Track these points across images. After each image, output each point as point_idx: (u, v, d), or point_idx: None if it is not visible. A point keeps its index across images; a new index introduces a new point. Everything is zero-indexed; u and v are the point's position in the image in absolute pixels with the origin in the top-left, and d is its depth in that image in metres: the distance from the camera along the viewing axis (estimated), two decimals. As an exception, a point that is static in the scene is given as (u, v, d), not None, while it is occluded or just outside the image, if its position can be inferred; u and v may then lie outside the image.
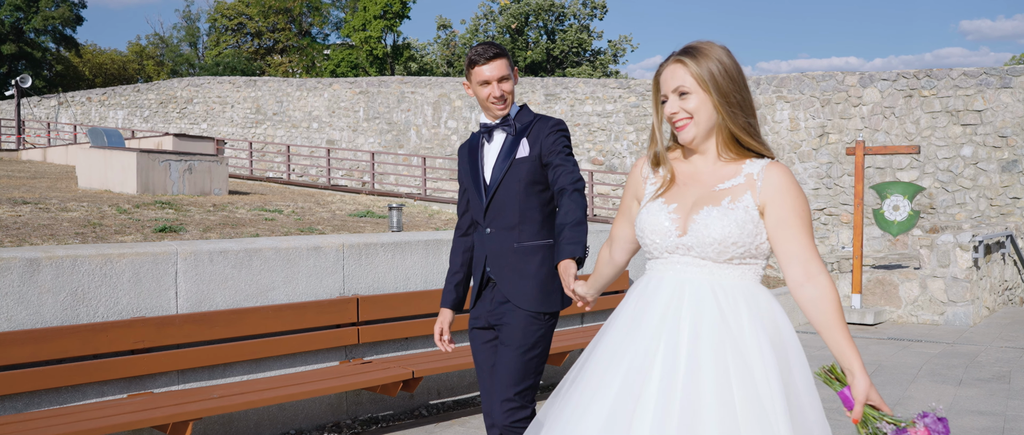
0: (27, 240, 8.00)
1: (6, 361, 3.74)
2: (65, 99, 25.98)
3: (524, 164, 3.07)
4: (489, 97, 3.08)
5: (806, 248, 2.13)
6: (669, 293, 2.18)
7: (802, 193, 2.17)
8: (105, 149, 13.45)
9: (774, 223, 2.14)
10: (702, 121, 2.18)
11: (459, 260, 3.26)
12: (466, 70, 3.14)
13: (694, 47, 2.19)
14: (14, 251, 3.96)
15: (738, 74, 2.18)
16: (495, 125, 3.15)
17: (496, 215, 3.09)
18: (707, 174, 2.24)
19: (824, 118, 14.61)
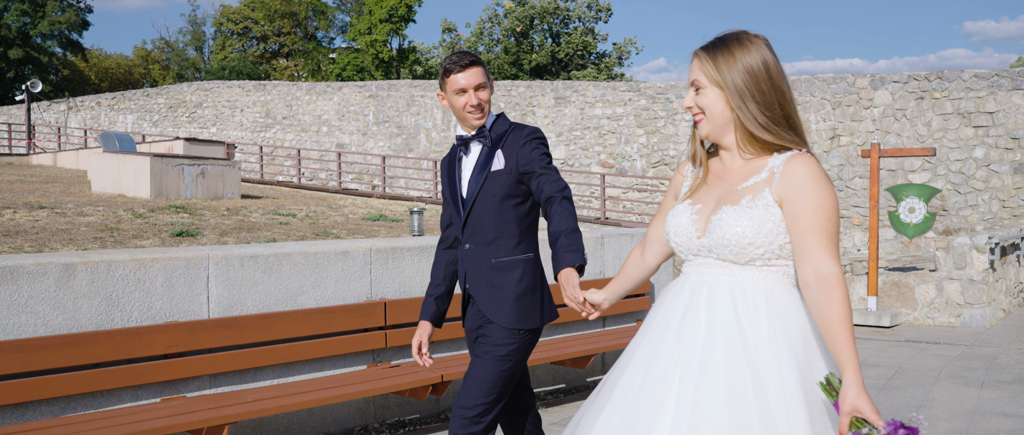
0: (47, 245, 8.03)
1: (44, 366, 3.77)
2: (74, 104, 26.06)
3: (499, 177, 2.99)
4: (465, 107, 2.99)
5: (818, 247, 2.00)
6: (688, 296, 2.13)
7: (824, 187, 2.03)
8: (118, 154, 13.50)
9: (789, 219, 2.05)
10: (715, 116, 2.13)
11: (441, 273, 3.20)
12: (440, 79, 3.05)
13: (718, 40, 2.13)
14: (50, 256, 3.98)
15: (763, 69, 2.07)
16: (471, 137, 3.06)
17: (473, 231, 3.02)
18: (734, 172, 2.17)
19: (835, 120, 14.61)
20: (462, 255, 3.07)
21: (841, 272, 1.99)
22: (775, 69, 2.08)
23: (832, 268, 1.99)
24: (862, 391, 1.91)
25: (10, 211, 10.14)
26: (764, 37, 2.12)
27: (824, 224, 2.01)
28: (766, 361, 1.99)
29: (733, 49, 2.09)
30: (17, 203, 10.99)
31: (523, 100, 18.37)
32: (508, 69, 44.62)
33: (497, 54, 45.10)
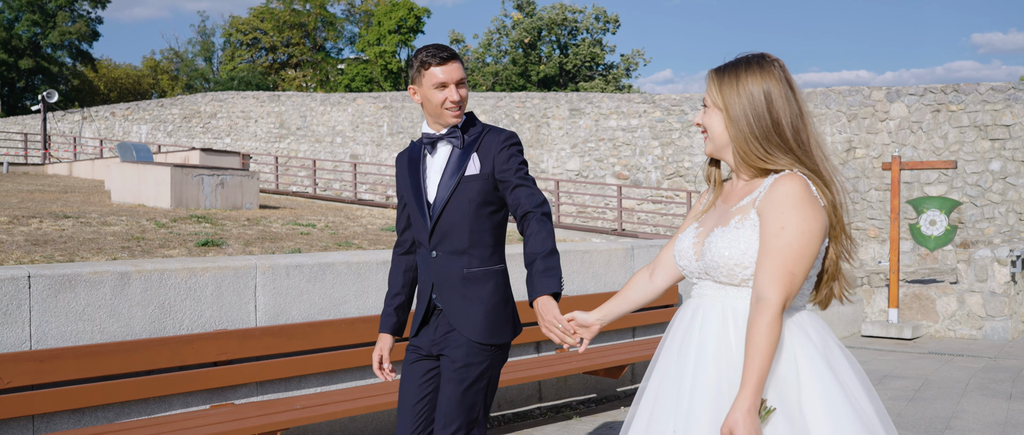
0: (77, 254, 8.11)
1: (100, 372, 3.83)
2: (89, 114, 26.23)
3: (475, 183, 2.81)
4: (445, 103, 2.79)
5: (766, 271, 2.00)
6: (689, 318, 2.17)
7: (796, 210, 2.00)
8: (138, 164, 13.60)
9: (761, 238, 2.05)
10: (715, 137, 2.18)
11: (400, 281, 3.01)
12: (416, 72, 2.82)
13: (731, 63, 2.17)
14: (106, 265, 4.05)
15: (763, 97, 2.10)
16: (440, 136, 2.86)
17: (443, 238, 2.82)
18: (736, 193, 2.21)
19: (850, 133, 14.67)
20: (427, 263, 2.86)
21: (778, 301, 1.96)
22: (779, 96, 2.09)
23: (770, 295, 1.97)
24: (747, 414, 1.92)
25: (36, 220, 10.23)
26: (780, 63, 2.15)
27: (782, 249, 1.99)
28: None
29: (740, 74, 2.13)
30: (42, 212, 11.08)
31: (537, 111, 18.46)
32: (516, 80, 44.75)
33: (505, 65, 45.22)
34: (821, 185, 2.08)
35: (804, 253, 1.99)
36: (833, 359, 2.05)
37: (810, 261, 2.01)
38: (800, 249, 1.99)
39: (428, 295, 2.86)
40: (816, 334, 2.07)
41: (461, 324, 2.79)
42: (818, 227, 2.02)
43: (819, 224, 2.03)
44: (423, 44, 2.90)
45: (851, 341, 9.14)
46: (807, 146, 2.10)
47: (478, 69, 44.80)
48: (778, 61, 2.15)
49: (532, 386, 5.73)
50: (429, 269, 2.86)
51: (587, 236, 14.11)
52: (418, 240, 2.90)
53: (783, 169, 2.08)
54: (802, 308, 2.12)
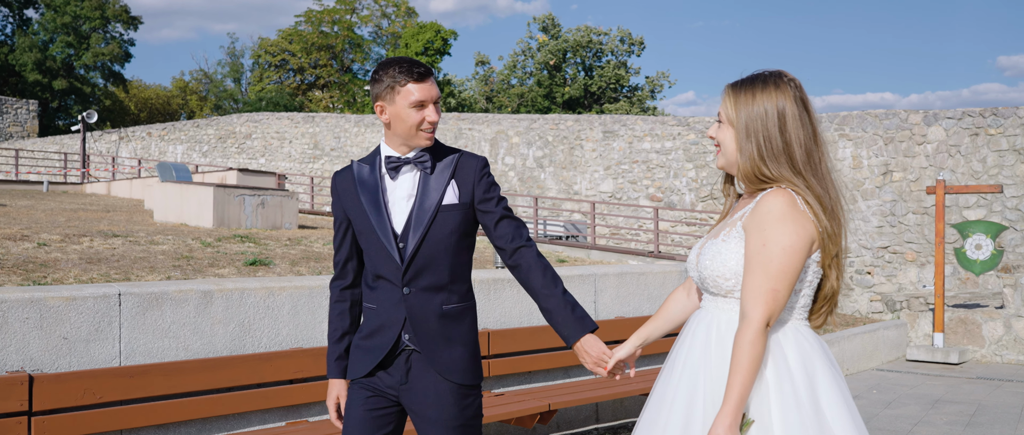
0: (132, 272, 8.26)
1: (184, 388, 3.93)
2: (125, 134, 26.66)
3: (454, 213, 2.58)
4: (422, 124, 2.55)
5: (748, 287, 2.03)
6: (685, 328, 2.25)
7: (780, 225, 2.02)
8: (181, 184, 13.81)
9: (745, 254, 2.08)
10: (727, 152, 2.20)
11: (348, 320, 2.72)
12: (385, 89, 2.57)
13: (747, 79, 2.18)
14: (191, 284, 4.16)
15: (776, 115, 2.10)
16: (406, 159, 2.60)
17: (418, 273, 2.56)
18: (739, 207, 2.24)
19: (887, 156, 14.63)
20: (394, 300, 2.58)
21: (761, 318, 1.98)
22: (793, 116, 2.09)
23: (751, 312, 2.00)
24: (728, 430, 1.95)
25: (87, 239, 10.42)
26: (797, 82, 2.14)
27: (764, 265, 2.01)
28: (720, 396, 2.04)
29: (756, 91, 2.13)
30: (91, 231, 11.29)
31: (570, 133, 18.56)
32: (541, 102, 44.96)
33: (530, 87, 45.48)
34: (814, 204, 2.05)
35: (785, 269, 2.00)
36: (811, 380, 2.03)
37: (793, 276, 2.01)
38: (780, 265, 2.00)
39: (395, 334, 2.57)
40: (796, 354, 2.06)
41: (445, 368, 2.56)
42: (800, 242, 2.02)
43: (802, 239, 2.02)
44: (387, 58, 2.62)
45: (896, 365, 9.10)
46: (818, 169, 2.10)
47: (503, 91, 45.09)
48: (794, 80, 2.15)
49: (589, 408, 5.78)
50: (396, 307, 2.57)
51: (623, 258, 14.14)
52: (378, 274, 2.60)
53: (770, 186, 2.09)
54: (791, 323, 2.12)
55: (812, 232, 2.04)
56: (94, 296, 3.80)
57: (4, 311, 3.56)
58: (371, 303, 2.64)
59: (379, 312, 2.61)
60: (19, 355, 3.60)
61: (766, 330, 2.00)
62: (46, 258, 8.65)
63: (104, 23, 51.98)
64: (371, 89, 2.63)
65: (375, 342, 2.60)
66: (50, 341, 3.67)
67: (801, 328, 2.11)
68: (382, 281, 2.60)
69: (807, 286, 2.10)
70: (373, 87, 2.62)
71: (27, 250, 9.06)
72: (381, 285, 2.60)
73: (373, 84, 2.63)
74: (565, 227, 16.88)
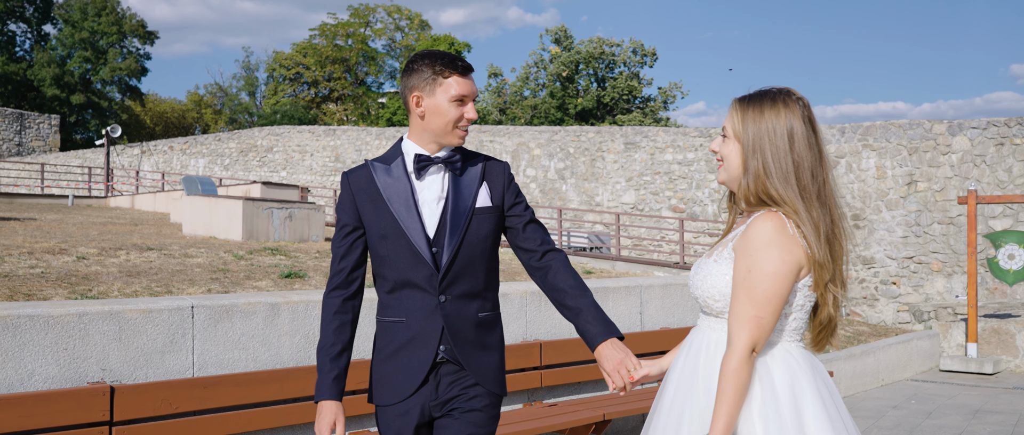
0: (172, 285, 8.37)
1: (255, 399, 4.01)
2: (147, 147, 26.91)
3: (489, 217, 2.48)
4: (460, 121, 2.44)
5: (734, 313, 2.01)
6: (682, 345, 2.25)
7: (767, 250, 1.99)
8: (209, 197, 13.95)
9: (733, 279, 2.06)
10: (730, 167, 2.16)
11: (347, 334, 2.48)
12: (426, 80, 2.43)
13: (756, 95, 2.13)
14: (259, 296, 4.25)
15: (785, 135, 2.06)
16: (438, 158, 2.46)
17: (455, 280, 2.43)
18: (738, 225, 2.21)
19: (912, 166, 14.65)
20: (427, 309, 2.42)
21: (745, 345, 1.96)
22: (801, 137, 2.06)
23: (736, 339, 1.98)
24: None
25: (123, 252, 10.55)
26: (805, 101, 2.11)
27: (749, 291, 1.99)
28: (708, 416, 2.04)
29: (764, 108, 2.09)
30: (125, 244, 11.42)
31: (592, 145, 18.64)
32: (554, 113, 45.11)
33: (543, 98, 45.64)
34: (805, 227, 2.02)
35: (770, 295, 1.98)
36: (797, 402, 2.01)
37: (779, 302, 1.99)
38: (765, 291, 1.98)
39: (432, 348, 2.41)
40: (783, 376, 2.04)
41: (483, 376, 2.46)
42: (786, 268, 1.99)
43: (788, 265, 1.99)
44: (426, 49, 2.50)
45: (930, 375, 9.11)
46: (822, 192, 2.06)
47: (516, 102, 45.26)
48: (803, 99, 2.11)
49: (642, 418, 5.83)
50: (431, 316, 2.41)
51: (649, 269, 14.18)
52: (404, 282, 2.42)
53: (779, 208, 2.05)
54: (781, 345, 2.08)
55: (800, 257, 2.01)
56: (169, 309, 3.88)
57: (86, 324, 3.65)
58: (396, 316, 2.44)
59: (409, 325, 2.42)
60: (99, 366, 3.69)
61: (751, 357, 1.97)
62: (87, 271, 8.77)
63: (121, 38, 52.47)
64: (406, 79, 2.48)
65: (410, 359, 2.42)
66: (128, 353, 3.76)
67: (792, 349, 2.08)
68: (410, 290, 2.42)
69: (797, 309, 2.07)
70: (410, 77, 2.46)
71: (67, 263, 9.18)
72: (409, 295, 2.42)
73: (410, 74, 2.47)
74: (589, 238, 16.94)
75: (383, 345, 2.47)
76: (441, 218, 2.43)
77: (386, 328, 2.47)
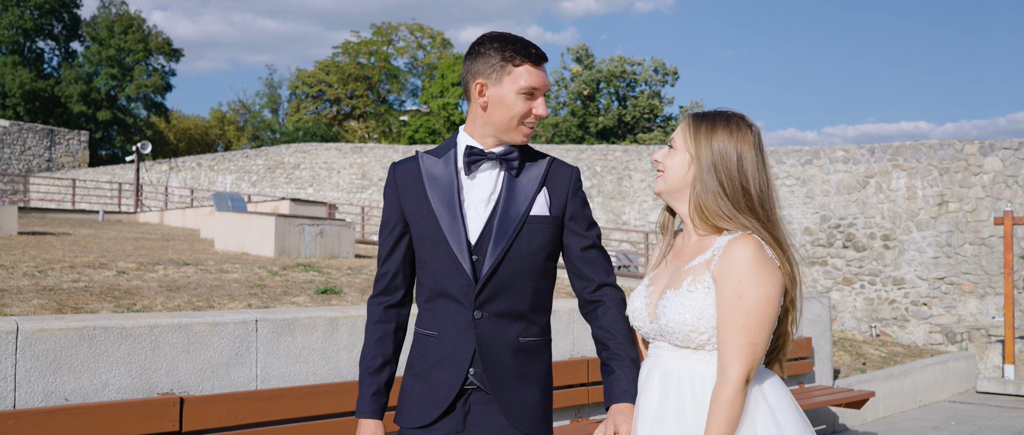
0: (213, 300, 8.48)
1: (316, 411, 4.07)
2: (175, 164, 27.23)
3: (544, 227, 2.18)
4: (528, 116, 2.16)
5: (727, 343, 1.93)
6: (643, 380, 2.11)
7: (754, 276, 1.94)
8: (241, 213, 14.10)
9: (716, 305, 1.98)
10: (672, 179, 2.12)
11: (391, 346, 2.26)
12: (494, 67, 2.14)
13: (711, 113, 2.11)
14: (319, 310, 4.33)
15: (735, 158, 2.04)
16: (493, 154, 2.18)
17: (495, 295, 2.14)
18: (689, 249, 2.13)
19: (942, 187, 14.59)
20: (460, 326, 2.15)
21: (741, 374, 1.91)
22: (751, 162, 2.05)
23: (731, 369, 1.92)
24: None
25: (161, 267, 10.68)
26: (757, 129, 2.11)
27: (741, 318, 1.93)
28: None
29: (718, 128, 2.08)
30: (162, 260, 11.56)
31: (619, 164, 18.69)
32: (575, 132, 45.24)
33: (564, 117, 45.81)
34: (777, 249, 2.02)
35: (763, 321, 1.94)
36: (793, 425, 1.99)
37: (771, 327, 1.96)
38: (759, 317, 1.94)
39: (461, 371, 2.13)
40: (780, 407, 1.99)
41: (516, 414, 2.14)
42: (775, 292, 1.97)
43: (776, 288, 1.97)
44: (493, 32, 2.21)
45: (967, 397, 9.05)
46: (772, 215, 2.06)
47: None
48: (755, 126, 2.12)
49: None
50: (463, 334, 2.14)
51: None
52: (440, 291, 2.17)
53: (738, 230, 2.02)
54: (765, 374, 2.06)
55: (782, 279, 2.00)
56: (234, 322, 3.97)
57: (156, 336, 3.74)
58: (429, 328, 2.19)
59: (440, 340, 2.16)
60: (169, 378, 3.77)
61: (746, 386, 1.92)
62: (128, 285, 8.90)
63: (147, 55, 53.19)
64: (470, 64, 2.19)
65: (437, 380, 2.15)
66: (196, 364, 3.84)
67: (769, 372, 2.07)
68: (445, 301, 2.16)
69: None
70: (475, 61, 2.17)
71: (109, 278, 9.32)
72: (443, 306, 2.17)
73: (475, 58, 2.18)
74: (616, 257, 16.95)
75: (415, 359, 2.22)
76: (487, 222, 2.15)
77: (420, 341, 2.22)
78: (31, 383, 3.38)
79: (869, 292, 15.00)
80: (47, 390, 3.42)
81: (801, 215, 15.72)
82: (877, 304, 14.93)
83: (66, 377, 3.48)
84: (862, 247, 15.13)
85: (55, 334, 3.47)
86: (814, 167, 15.54)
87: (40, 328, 3.46)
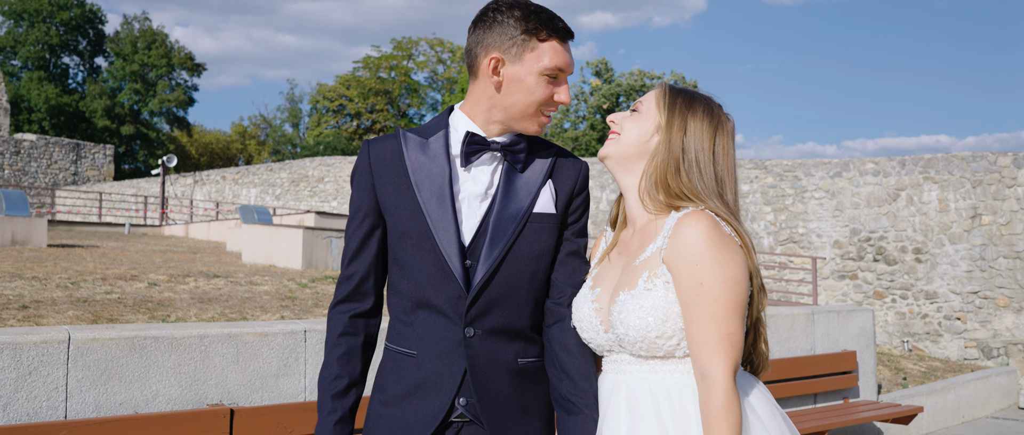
0: (245, 311, 8.45)
1: (364, 424, 4.02)
2: (200, 177, 27.42)
3: (547, 227, 1.83)
4: (548, 102, 1.80)
5: (698, 340, 1.63)
6: (606, 399, 1.77)
7: (712, 256, 1.64)
8: (268, 226, 14.13)
9: (680, 299, 1.68)
10: (628, 141, 1.81)
11: (358, 365, 1.87)
12: (517, 38, 1.76)
13: (690, 91, 1.84)
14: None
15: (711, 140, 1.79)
16: (496, 143, 1.81)
17: (489, 308, 1.79)
18: (636, 239, 1.81)
19: (976, 199, 14.40)
20: (448, 344, 1.79)
21: (725, 373, 1.62)
22: (723, 150, 1.80)
23: (713, 370, 1.62)
24: None
25: (191, 279, 10.69)
26: (734, 123, 1.87)
27: (709, 307, 1.63)
28: None
29: (697, 106, 1.81)
30: (192, 272, 11.58)
31: (644, 177, 18.60)
32: (595, 146, 45.12)
33: (583, 130, 45.78)
34: (734, 224, 1.74)
35: (734, 305, 1.65)
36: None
37: (743, 310, 1.67)
38: (728, 302, 1.64)
39: (447, 398, 1.78)
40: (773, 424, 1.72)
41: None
42: (739, 270, 1.68)
43: (740, 267, 1.68)
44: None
45: (1010, 413, 8.87)
46: (737, 209, 1.81)
47: (557, 134, 45.42)
48: (731, 119, 1.87)
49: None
50: (451, 355, 1.79)
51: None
52: (423, 302, 1.81)
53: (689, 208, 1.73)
54: (748, 382, 1.77)
55: (743, 258, 1.71)
56: (283, 332, 3.92)
57: (206, 346, 3.69)
58: (406, 346, 1.83)
59: (421, 361, 1.80)
60: (218, 389, 3.72)
61: (735, 387, 1.62)
62: (161, 297, 8.90)
63: (169, 70, 53.72)
64: (480, 33, 1.81)
65: (415, 409, 1.80)
66: (245, 375, 3.79)
67: (752, 380, 1.80)
68: (428, 314, 1.80)
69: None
70: (488, 31, 1.79)
71: (141, 289, 9.33)
72: (426, 320, 1.81)
73: (490, 27, 1.80)
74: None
75: (386, 383, 1.86)
76: (483, 220, 1.81)
77: (393, 361, 1.85)
78: (82, 393, 3.34)
79: (900, 306, 14.80)
80: (98, 401, 3.38)
81: (830, 228, 15.57)
82: (909, 318, 14.73)
83: (117, 387, 3.44)
84: (893, 261, 14.95)
85: (106, 343, 3.43)
86: (843, 180, 15.40)
87: (91, 338, 3.42)
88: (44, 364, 3.30)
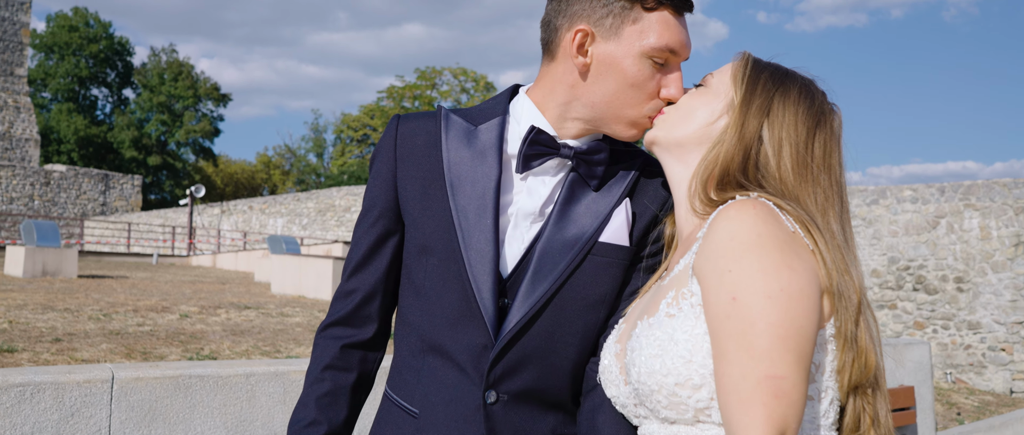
0: (278, 344, 8.31)
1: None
2: (227, 207, 27.52)
3: (615, 262, 1.35)
4: (656, 94, 1.32)
5: (730, 391, 1.06)
6: None
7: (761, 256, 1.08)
8: (298, 256, 14.05)
9: (708, 324, 1.12)
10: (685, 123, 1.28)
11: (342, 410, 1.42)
12: (616, 8, 1.28)
13: (780, 68, 1.33)
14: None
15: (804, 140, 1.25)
16: (566, 150, 1.35)
17: (519, 365, 1.33)
18: (677, 254, 1.31)
19: (1019, 226, 14.06)
20: (460, 412, 1.33)
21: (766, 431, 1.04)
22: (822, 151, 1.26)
23: (747, 426, 1.05)
24: None
25: (223, 311, 10.59)
26: (841, 117, 1.35)
27: (743, 333, 1.06)
28: None
29: (792, 88, 1.28)
30: (223, 303, 11.49)
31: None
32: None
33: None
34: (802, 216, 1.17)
35: (785, 333, 1.06)
36: None
37: (805, 344, 1.07)
38: (774, 328, 1.06)
39: None
40: None
41: None
42: (801, 281, 1.09)
43: (801, 276, 1.09)
44: None
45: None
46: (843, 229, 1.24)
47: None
48: (839, 112, 1.34)
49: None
50: (462, 424, 1.33)
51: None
52: (435, 344, 1.36)
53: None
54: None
55: (816, 268, 1.12)
56: (331, 370, 3.76)
57: (252, 385, 3.53)
58: (409, 400, 1.38)
59: (423, 427, 1.35)
60: (264, 430, 3.55)
61: None
62: (193, 329, 8.78)
63: (196, 101, 54.32)
64: (561, 4, 1.34)
65: None
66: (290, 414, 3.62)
67: None
68: (440, 362, 1.35)
69: (827, 377, 1.14)
70: (569, 4, 1.32)
71: (173, 321, 9.22)
72: (436, 370, 1.36)
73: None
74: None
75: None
76: (528, 247, 1.34)
77: (391, 415, 1.40)
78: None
79: (942, 337, 14.43)
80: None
81: (868, 257, 15.26)
82: (951, 349, 14.35)
83: (161, 429, 3.28)
84: (934, 290, 14.60)
85: (150, 383, 3.28)
86: (881, 207, 15.11)
87: (135, 377, 3.27)
88: (87, 405, 3.15)
